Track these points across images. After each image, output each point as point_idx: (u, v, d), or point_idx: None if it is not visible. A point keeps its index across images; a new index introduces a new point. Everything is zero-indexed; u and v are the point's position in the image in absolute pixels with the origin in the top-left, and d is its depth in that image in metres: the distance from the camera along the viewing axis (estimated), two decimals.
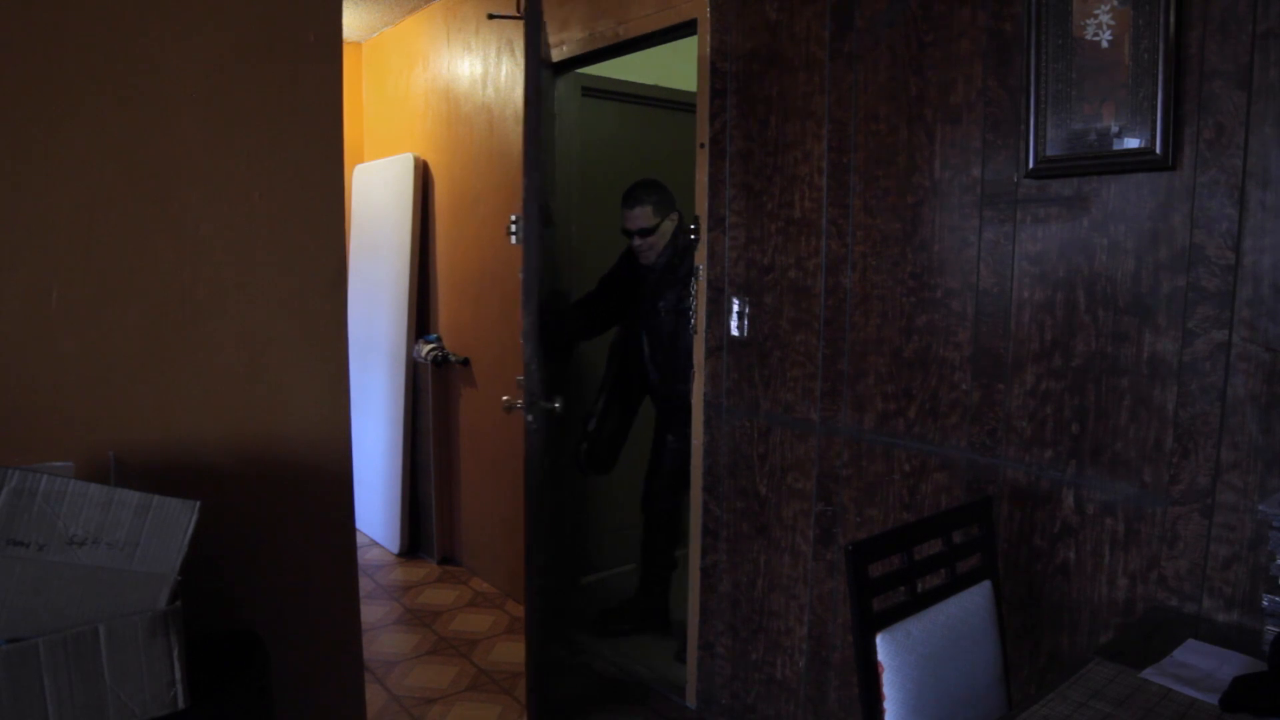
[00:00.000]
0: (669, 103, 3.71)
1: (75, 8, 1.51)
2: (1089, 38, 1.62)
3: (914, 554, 1.48)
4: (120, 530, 1.25)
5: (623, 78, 3.50)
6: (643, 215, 2.96)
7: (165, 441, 1.64)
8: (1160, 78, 1.52)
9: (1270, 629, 1.34)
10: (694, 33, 2.52)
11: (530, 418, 2.37)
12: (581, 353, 3.44)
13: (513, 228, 2.56)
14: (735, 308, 2.42)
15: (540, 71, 2.33)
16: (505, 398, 2.53)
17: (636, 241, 2.99)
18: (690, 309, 2.68)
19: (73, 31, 1.51)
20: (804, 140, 2.21)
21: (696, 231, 2.55)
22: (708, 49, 2.45)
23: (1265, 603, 1.36)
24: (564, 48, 3.02)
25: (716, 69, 2.43)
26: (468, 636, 3.24)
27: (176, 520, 1.29)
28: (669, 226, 2.97)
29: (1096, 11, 1.60)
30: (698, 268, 2.54)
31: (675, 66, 3.50)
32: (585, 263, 3.40)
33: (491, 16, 2.83)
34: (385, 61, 4.36)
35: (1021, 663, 1.83)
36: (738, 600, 2.51)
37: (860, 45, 2.06)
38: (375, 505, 4.21)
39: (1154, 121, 1.54)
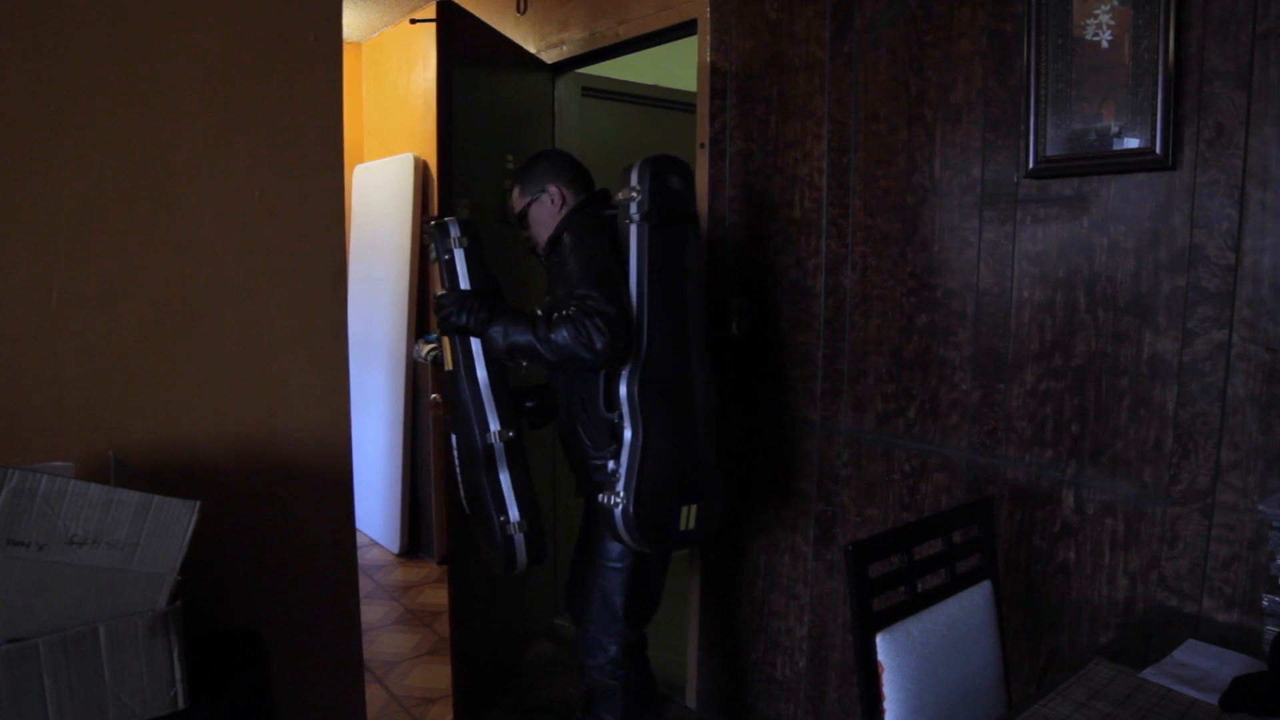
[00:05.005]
0: (669, 103, 3.71)
1: (75, 8, 1.51)
2: (1089, 38, 1.62)
3: (914, 554, 1.48)
4: (120, 530, 1.25)
5: (623, 78, 3.50)
6: (514, 198, 2.17)
7: (165, 441, 1.64)
8: (1160, 78, 1.52)
9: (1270, 629, 1.35)
10: (694, 33, 2.52)
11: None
12: None
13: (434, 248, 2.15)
14: (735, 307, 2.42)
15: (453, 75, 2.34)
16: (434, 396, 2.35)
17: (521, 235, 2.21)
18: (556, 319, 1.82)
19: (73, 32, 1.51)
20: (804, 140, 2.21)
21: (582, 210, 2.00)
22: (708, 49, 2.45)
23: (1265, 603, 1.36)
24: (564, 48, 3.02)
25: (716, 69, 2.44)
26: None
27: (176, 520, 1.29)
28: (542, 209, 2.10)
29: (1096, 11, 1.60)
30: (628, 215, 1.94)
31: (675, 66, 3.50)
32: None
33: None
34: (385, 61, 4.36)
35: (1021, 663, 1.83)
36: (738, 600, 2.51)
37: (860, 45, 2.06)
38: (375, 505, 4.21)
39: (1154, 121, 1.54)
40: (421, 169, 3.98)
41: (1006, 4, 1.77)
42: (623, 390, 1.88)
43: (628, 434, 1.88)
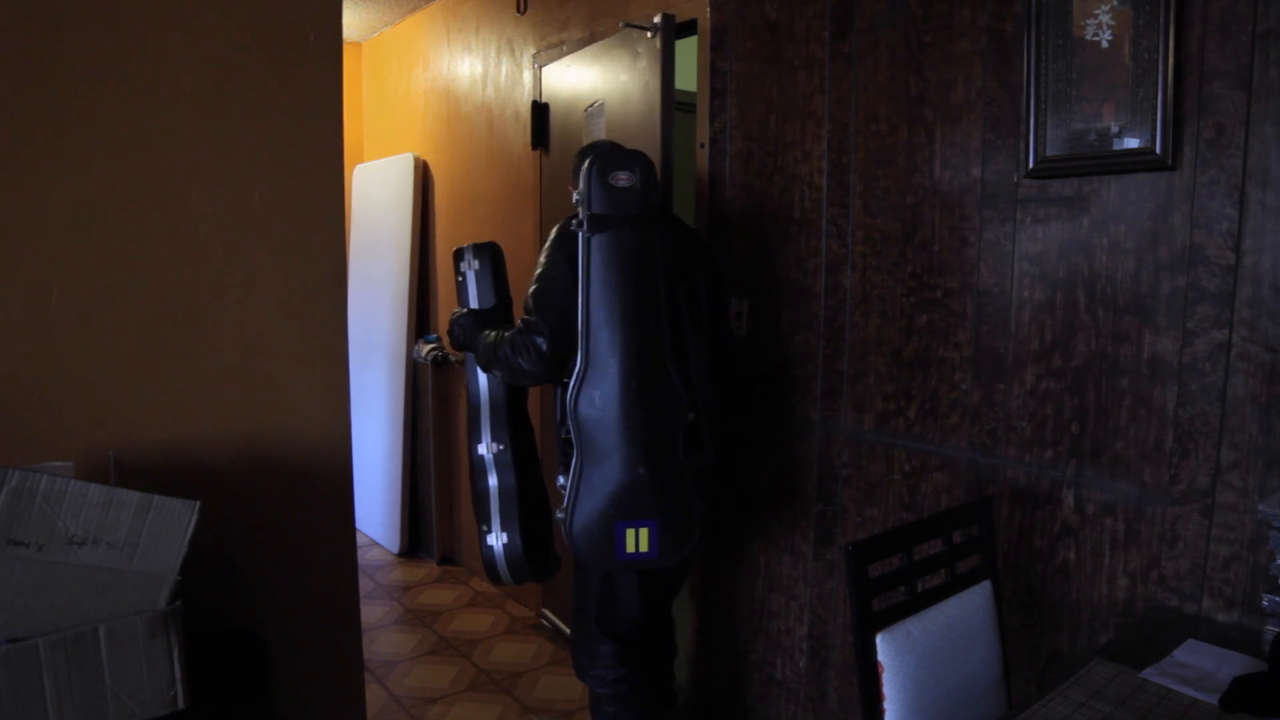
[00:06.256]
0: None
1: (75, 8, 1.51)
2: (1089, 38, 1.62)
3: (914, 554, 1.48)
4: (120, 530, 1.25)
5: None
6: None
7: (165, 441, 1.64)
8: (1160, 78, 1.52)
9: (1270, 629, 1.35)
10: (694, 33, 2.52)
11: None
12: None
13: None
14: (735, 308, 2.42)
15: (673, 89, 2.46)
16: None
17: None
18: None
19: (73, 32, 1.51)
20: (804, 140, 2.21)
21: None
22: (708, 49, 2.45)
23: (1265, 603, 1.36)
24: (564, 47, 3.02)
25: (716, 69, 2.43)
26: (468, 636, 3.24)
27: (176, 520, 1.29)
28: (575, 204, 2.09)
29: (1096, 11, 1.60)
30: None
31: (676, 66, 3.49)
32: None
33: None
34: (385, 61, 4.36)
35: (1021, 663, 1.83)
36: (737, 600, 2.51)
37: (860, 45, 2.06)
38: (375, 505, 4.21)
39: (1154, 121, 1.54)
40: (422, 169, 3.98)
41: (1006, 4, 1.77)
42: (566, 406, 1.85)
43: (574, 451, 1.86)
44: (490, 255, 2.20)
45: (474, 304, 2.18)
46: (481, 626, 3.33)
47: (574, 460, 1.85)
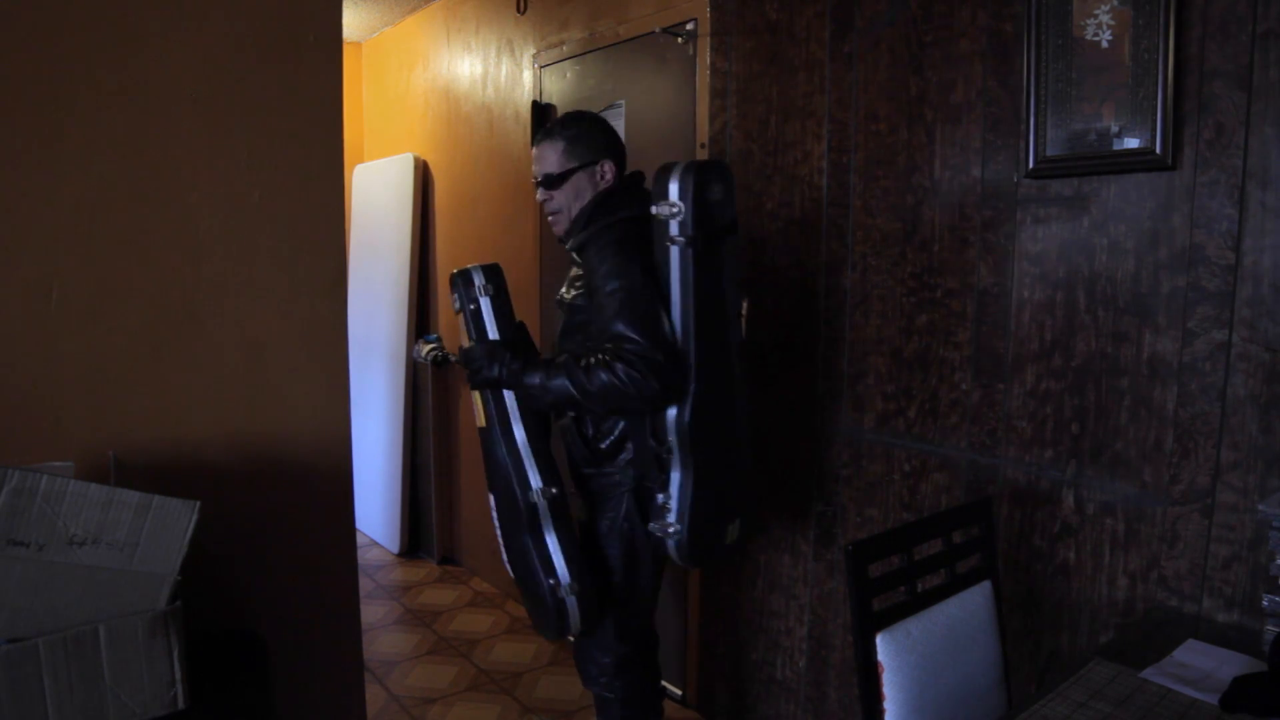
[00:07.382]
0: None
1: (75, 8, 1.51)
2: (1089, 38, 1.62)
3: (914, 554, 1.48)
4: (120, 530, 1.25)
5: None
6: (550, 153, 1.94)
7: (165, 441, 1.64)
8: (1160, 78, 1.52)
9: (1270, 629, 1.35)
10: (694, 32, 2.53)
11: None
12: None
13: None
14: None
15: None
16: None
17: (540, 196, 1.98)
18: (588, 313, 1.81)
19: (73, 32, 1.51)
20: (804, 140, 2.21)
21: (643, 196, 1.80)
22: (708, 49, 2.45)
23: (1265, 603, 1.36)
24: (564, 48, 3.02)
25: (716, 69, 2.44)
26: (468, 636, 3.24)
27: (176, 520, 1.29)
28: (588, 180, 1.93)
29: (1096, 11, 1.60)
30: (669, 221, 1.74)
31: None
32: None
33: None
34: (385, 61, 4.36)
35: (1021, 663, 1.83)
36: (738, 600, 2.51)
37: (860, 45, 2.06)
38: (375, 505, 4.21)
39: (1154, 121, 1.54)
40: (421, 169, 3.98)
41: (1006, 4, 1.77)
42: (671, 426, 1.76)
43: (677, 470, 1.79)
44: (500, 277, 1.96)
45: (492, 334, 1.90)
46: (481, 626, 3.33)
47: (681, 475, 1.79)
